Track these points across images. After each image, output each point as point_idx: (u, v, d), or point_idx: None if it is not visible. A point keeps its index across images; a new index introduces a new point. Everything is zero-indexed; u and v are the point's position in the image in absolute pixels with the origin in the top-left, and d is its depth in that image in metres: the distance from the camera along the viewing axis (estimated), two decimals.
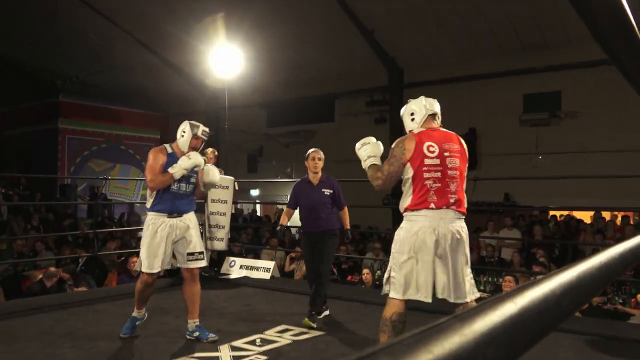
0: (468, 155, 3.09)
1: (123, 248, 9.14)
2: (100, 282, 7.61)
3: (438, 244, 2.80)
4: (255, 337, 3.90)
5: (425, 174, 2.83)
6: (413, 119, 3.05)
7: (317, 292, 4.33)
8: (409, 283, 2.81)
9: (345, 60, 13.45)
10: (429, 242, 2.78)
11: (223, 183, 6.02)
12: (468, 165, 3.07)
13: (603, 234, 8.53)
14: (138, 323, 3.92)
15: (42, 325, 4.15)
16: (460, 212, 2.89)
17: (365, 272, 6.91)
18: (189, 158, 3.74)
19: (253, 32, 11.76)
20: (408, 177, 2.87)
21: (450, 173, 2.88)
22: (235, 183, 6.24)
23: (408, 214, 2.88)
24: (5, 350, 3.54)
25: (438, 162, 2.85)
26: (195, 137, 3.82)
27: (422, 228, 2.80)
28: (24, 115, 16.01)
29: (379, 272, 7.55)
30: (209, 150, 5.83)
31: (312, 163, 4.49)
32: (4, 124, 16.36)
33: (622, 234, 8.29)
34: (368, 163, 3.07)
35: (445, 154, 2.88)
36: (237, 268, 6.54)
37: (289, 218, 4.72)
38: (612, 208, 10.13)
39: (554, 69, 11.04)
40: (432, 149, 2.86)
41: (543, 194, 10.20)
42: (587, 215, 10.49)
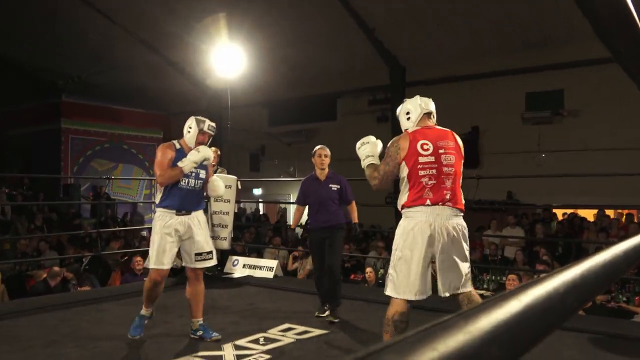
0: (465, 152, 3.11)
1: (126, 247, 9.17)
2: (104, 281, 7.64)
3: (433, 239, 2.82)
4: (259, 336, 3.91)
5: (420, 172, 2.87)
6: (409, 118, 3.09)
7: (333, 288, 4.45)
8: (406, 280, 2.82)
9: (347, 59, 13.44)
10: (424, 237, 2.81)
11: (226, 182, 6.02)
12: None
13: (607, 232, 8.51)
14: (146, 322, 3.86)
15: (46, 325, 4.16)
16: (457, 208, 2.92)
17: (369, 270, 6.92)
18: (198, 151, 3.68)
19: (254, 31, 11.76)
20: (404, 175, 2.92)
21: (446, 170, 2.90)
22: (238, 182, 6.24)
23: (405, 211, 2.92)
24: (10, 350, 3.55)
25: (433, 159, 2.88)
26: (202, 132, 3.78)
27: (418, 224, 2.83)
28: (27, 116, 16.05)
29: (382, 270, 7.55)
30: (212, 150, 5.83)
31: (318, 160, 4.61)
32: (7, 124, 16.39)
33: (626, 232, 8.27)
34: (366, 163, 3.13)
35: (440, 151, 2.91)
36: (240, 267, 6.55)
37: (301, 215, 4.83)
38: (615, 206, 10.11)
39: (556, 67, 11.01)
40: (426, 147, 2.89)
41: (546, 192, 10.18)
42: (590, 214, 10.47)
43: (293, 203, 17.07)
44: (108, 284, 7.51)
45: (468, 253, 2.95)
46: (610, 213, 10.01)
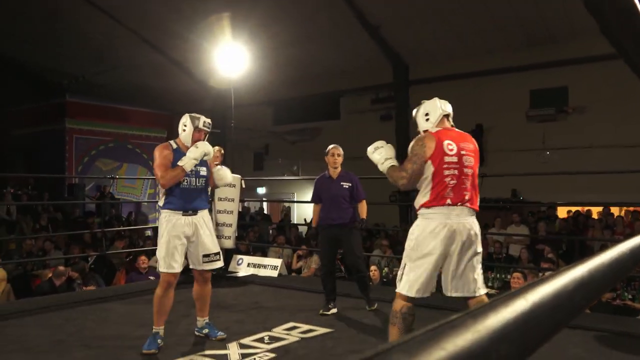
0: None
1: (131, 247, 9.20)
2: (109, 280, 7.67)
3: (453, 240, 2.88)
4: (264, 334, 3.91)
5: (445, 171, 2.91)
6: (427, 119, 3.12)
7: (362, 283, 4.64)
8: (421, 279, 2.88)
9: (351, 58, 13.43)
10: (444, 239, 2.86)
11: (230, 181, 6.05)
12: None
13: (612, 230, 8.47)
14: (160, 342, 3.57)
15: (51, 324, 4.18)
16: (473, 209, 2.99)
17: (373, 269, 6.90)
18: (197, 147, 3.59)
19: (258, 30, 11.76)
20: (427, 174, 2.94)
21: (466, 171, 2.97)
22: (242, 181, 6.25)
23: (424, 211, 2.95)
24: (16, 349, 3.57)
25: (456, 160, 2.93)
26: (197, 129, 3.68)
27: (438, 226, 2.87)
28: (31, 116, 16.11)
29: (387, 269, 7.54)
30: (216, 149, 5.82)
31: (331, 159, 4.70)
32: (12, 125, 16.47)
33: (631, 230, 8.24)
34: (387, 165, 3.12)
35: (462, 153, 2.97)
36: (244, 266, 6.56)
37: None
38: (621, 203, 10.07)
39: (560, 64, 10.97)
40: (450, 147, 2.94)
41: (551, 190, 10.14)
42: (595, 211, 10.43)
43: (297, 202, 17.02)
44: (113, 283, 7.54)
45: (481, 253, 3.01)
46: (615, 210, 9.97)
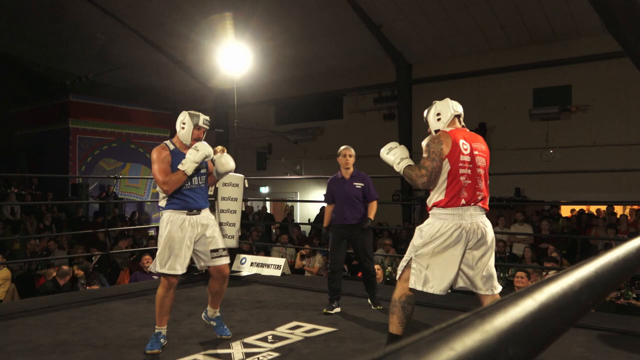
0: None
1: (135, 246, 9.22)
2: (113, 280, 7.69)
3: (468, 241, 2.90)
4: (267, 333, 3.92)
5: (461, 170, 2.93)
6: (439, 119, 3.14)
7: (371, 282, 4.77)
8: (431, 276, 2.90)
9: (354, 57, 13.43)
10: (458, 239, 2.88)
11: (233, 181, 6.05)
12: None
13: (616, 229, 8.45)
14: (163, 341, 3.57)
15: (55, 324, 4.19)
16: (484, 208, 3.02)
17: (376, 268, 6.90)
18: (197, 150, 3.49)
19: (260, 29, 11.77)
20: (443, 172, 2.95)
21: (479, 171, 3.00)
22: (245, 181, 6.26)
23: (438, 211, 2.96)
24: (20, 349, 3.58)
25: (469, 159, 2.96)
26: (197, 127, 3.60)
27: (453, 226, 2.89)
28: (35, 116, 16.16)
29: (390, 268, 7.54)
30: (219, 148, 5.84)
31: (343, 160, 4.76)
32: (16, 125, 16.52)
33: (635, 229, 8.22)
34: (403, 164, 3.11)
35: (475, 152, 2.99)
36: (247, 265, 6.57)
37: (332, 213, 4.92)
38: (625, 202, 10.05)
39: (564, 63, 10.95)
40: (465, 146, 2.96)
41: (554, 189, 10.12)
42: (598, 210, 10.40)
43: (300, 201, 17.00)
44: (117, 283, 7.56)
45: (493, 251, 3.03)
46: (619, 209, 9.94)
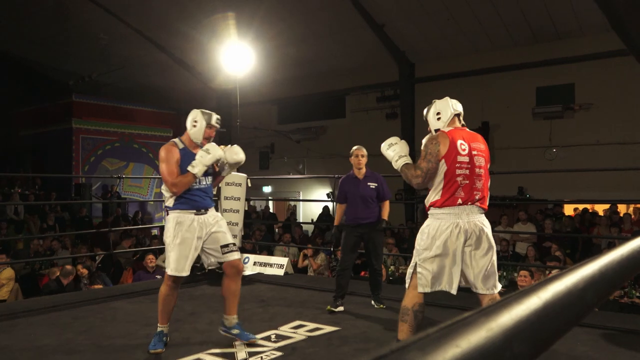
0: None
1: (138, 246, 9.24)
2: (116, 279, 7.70)
3: (466, 239, 2.90)
4: (270, 333, 3.92)
5: (457, 171, 2.92)
6: (439, 119, 3.12)
7: (377, 281, 4.84)
8: (437, 278, 2.91)
9: (356, 56, 13.42)
10: (457, 237, 2.88)
11: (236, 180, 6.06)
12: None
13: (619, 227, 8.43)
14: (165, 339, 3.56)
15: (60, 323, 4.20)
16: (483, 208, 3.01)
17: None
18: (208, 152, 3.45)
19: (263, 29, 11.78)
20: (440, 173, 2.95)
21: (477, 171, 2.98)
22: (248, 180, 6.26)
23: (435, 211, 2.96)
24: (24, 348, 3.59)
25: (467, 159, 2.95)
26: (209, 126, 3.56)
27: (450, 225, 2.89)
28: (38, 116, 16.20)
29: (393, 267, 7.54)
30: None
31: (355, 160, 4.76)
32: (19, 125, 16.56)
33: (639, 227, 8.19)
34: (401, 163, 3.12)
35: (474, 152, 2.98)
36: (250, 265, 6.57)
37: (343, 213, 4.92)
38: (628, 201, 10.02)
39: (567, 61, 10.92)
40: (463, 147, 2.95)
41: (557, 187, 10.10)
42: (600, 208, 10.37)
43: (302, 200, 16.98)
44: (120, 282, 7.57)
45: (494, 250, 3.03)
46: (623, 208, 9.91)
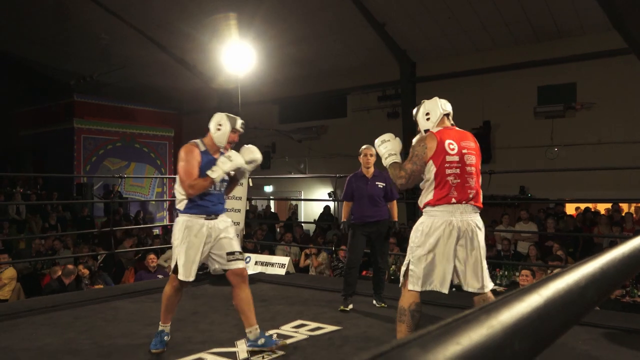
0: (482, 150, 3.22)
1: (139, 246, 9.25)
2: (118, 279, 7.71)
3: (458, 237, 2.91)
4: (272, 332, 3.92)
5: (447, 171, 2.94)
6: (428, 119, 3.14)
7: (380, 279, 4.88)
8: (429, 276, 2.91)
9: (357, 55, 13.41)
10: (450, 235, 2.89)
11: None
12: (483, 159, 3.26)
13: (621, 226, 8.42)
14: (166, 338, 3.55)
15: (61, 323, 4.21)
16: (477, 206, 3.02)
17: None
18: (230, 160, 3.39)
19: (264, 28, 11.77)
20: (430, 174, 2.97)
21: (469, 169, 2.99)
22: (250, 179, 6.26)
23: (428, 209, 2.97)
24: (26, 348, 3.60)
25: (457, 159, 2.96)
26: (234, 130, 3.49)
27: (443, 223, 2.90)
28: (40, 116, 16.22)
29: (394, 267, 7.53)
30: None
31: (364, 159, 4.81)
32: (21, 125, 16.59)
33: None
34: (389, 161, 3.15)
35: (464, 151, 3.00)
36: (252, 264, 6.57)
37: (349, 210, 4.94)
38: (630, 200, 10.00)
39: (568, 60, 10.91)
40: (452, 147, 2.96)
41: (559, 187, 10.08)
42: (602, 208, 10.36)
43: (303, 200, 16.97)
44: (122, 282, 7.58)
45: (485, 249, 3.03)
46: (625, 207, 9.90)
